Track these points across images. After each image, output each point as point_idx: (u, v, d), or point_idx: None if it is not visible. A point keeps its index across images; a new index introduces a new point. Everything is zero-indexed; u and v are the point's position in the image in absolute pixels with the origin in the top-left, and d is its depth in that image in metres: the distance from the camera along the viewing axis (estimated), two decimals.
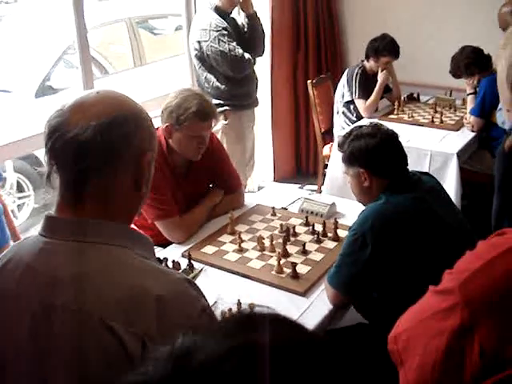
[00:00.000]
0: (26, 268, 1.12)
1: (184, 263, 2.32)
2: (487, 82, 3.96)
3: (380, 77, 4.45)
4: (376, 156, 2.15)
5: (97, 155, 1.11)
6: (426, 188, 2.16)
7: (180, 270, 2.15)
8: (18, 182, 4.69)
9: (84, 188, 1.13)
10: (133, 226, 2.62)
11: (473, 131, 4.05)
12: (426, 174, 2.34)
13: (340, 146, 2.28)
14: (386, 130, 2.22)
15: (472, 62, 4.06)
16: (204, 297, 1.17)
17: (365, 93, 4.41)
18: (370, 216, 2.04)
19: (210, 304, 2.03)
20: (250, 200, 2.96)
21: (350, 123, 4.46)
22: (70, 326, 1.05)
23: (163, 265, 2.30)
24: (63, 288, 1.08)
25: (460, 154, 3.75)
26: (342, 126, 4.53)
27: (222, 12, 3.78)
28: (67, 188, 1.15)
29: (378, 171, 2.16)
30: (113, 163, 1.14)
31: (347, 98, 4.49)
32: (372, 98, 4.40)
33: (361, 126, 2.28)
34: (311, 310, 2.07)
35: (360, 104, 4.43)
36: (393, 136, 2.21)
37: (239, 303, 1.98)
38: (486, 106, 3.93)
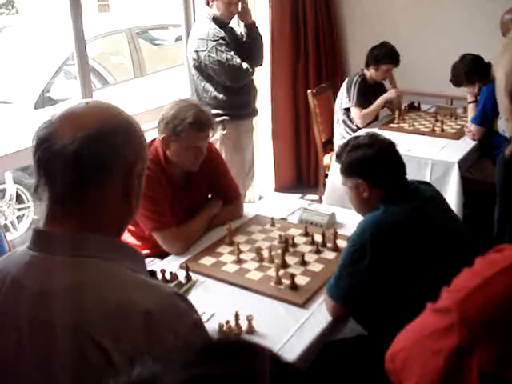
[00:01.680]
0: (13, 282, 1.10)
1: (182, 275, 2.29)
2: (488, 90, 3.94)
3: (389, 93, 4.45)
4: (374, 166, 2.13)
5: (84, 167, 1.09)
6: (425, 197, 2.14)
7: (174, 282, 2.12)
8: (17, 194, 4.67)
9: (71, 201, 1.11)
10: (130, 237, 2.62)
11: (474, 140, 4.02)
12: (425, 183, 2.31)
13: (338, 157, 2.25)
14: (384, 140, 2.20)
15: (472, 71, 4.05)
16: (195, 311, 1.14)
17: (362, 101, 4.40)
18: (369, 226, 2.02)
19: (208, 316, 2.03)
20: (249, 210, 2.94)
21: (350, 132, 4.44)
22: (58, 342, 1.03)
23: (160, 276, 2.28)
24: (50, 303, 1.05)
25: (461, 163, 3.72)
26: (342, 135, 4.51)
27: (221, 22, 3.78)
28: (54, 201, 1.12)
29: (376, 181, 2.13)
30: (101, 175, 1.12)
31: (346, 105, 4.48)
32: (371, 108, 4.39)
33: (358, 137, 2.25)
34: (310, 321, 2.04)
35: (355, 112, 4.41)
36: (390, 145, 2.19)
37: (237, 315, 1.96)
38: (488, 114, 3.91)
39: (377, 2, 5.09)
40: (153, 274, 1.28)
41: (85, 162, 1.09)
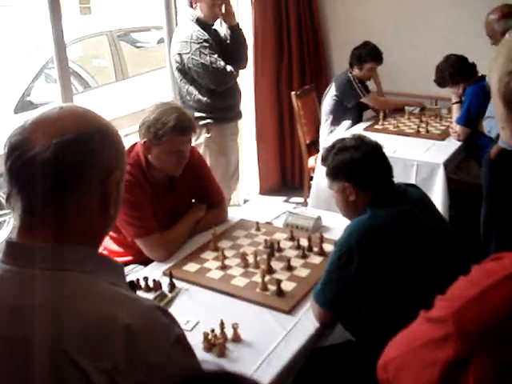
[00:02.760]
0: None
1: (165, 282, 2.24)
2: (472, 91, 3.94)
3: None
4: (361, 169, 2.09)
5: (58, 175, 1.04)
6: (412, 200, 2.10)
7: (157, 293, 2.07)
8: None
9: (46, 211, 1.05)
10: (112, 243, 2.57)
11: (459, 140, 4.01)
12: (412, 185, 2.28)
13: (323, 160, 2.21)
14: (370, 142, 2.16)
15: (457, 71, 4.05)
16: (178, 325, 1.09)
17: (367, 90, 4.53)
18: (356, 231, 1.98)
19: (192, 325, 1.98)
20: (233, 214, 2.90)
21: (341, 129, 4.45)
22: (32, 361, 0.97)
23: (143, 284, 2.23)
24: (26, 320, 1.00)
25: (447, 164, 3.71)
26: (330, 131, 4.51)
27: (204, 24, 3.73)
28: (28, 211, 1.07)
29: (363, 184, 2.09)
30: (77, 184, 1.07)
31: (350, 104, 4.50)
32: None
33: (344, 139, 2.20)
34: (297, 328, 1.99)
35: (372, 99, 4.58)
36: (377, 147, 2.15)
37: (222, 323, 1.91)
38: (472, 114, 3.90)
39: (360, 3, 5.07)
40: (133, 285, 1.23)
41: (59, 170, 1.03)
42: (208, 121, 3.80)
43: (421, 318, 0.93)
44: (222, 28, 4.03)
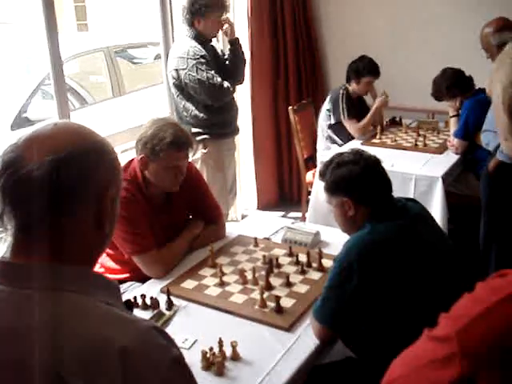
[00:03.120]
0: None
1: (163, 299, 2.22)
2: (470, 104, 3.94)
3: (377, 101, 4.44)
4: (359, 184, 2.07)
5: (53, 193, 1.01)
6: (411, 215, 2.08)
7: (154, 312, 2.04)
8: None
9: (40, 229, 1.03)
10: (109, 261, 2.54)
11: (457, 153, 4.01)
12: (412, 200, 2.26)
13: (321, 174, 2.18)
14: (369, 156, 2.14)
15: (453, 84, 4.05)
16: (175, 346, 1.06)
17: (353, 113, 4.40)
18: (355, 246, 1.96)
19: (190, 343, 1.95)
20: (231, 230, 2.87)
21: (336, 146, 4.42)
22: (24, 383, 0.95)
23: (141, 302, 2.20)
24: (19, 342, 0.97)
25: (445, 178, 3.70)
26: (327, 147, 4.48)
27: (201, 40, 3.73)
28: (21, 230, 1.04)
29: (362, 199, 2.07)
30: (71, 201, 1.04)
31: (333, 120, 4.44)
32: (366, 119, 4.39)
33: (342, 154, 2.18)
34: (297, 345, 1.97)
35: (351, 125, 4.39)
36: (376, 162, 2.13)
37: (221, 341, 1.88)
38: (470, 127, 3.90)
39: (357, 19, 5.09)
40: (129, 305, 1.20)
41: (53, 188, 1.01)
42: (205, 136, 3.80)
43: (424, 336, 0.90)
44: (218, 44, 4.05)
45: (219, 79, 3.64)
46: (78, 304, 1.02)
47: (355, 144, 4.24)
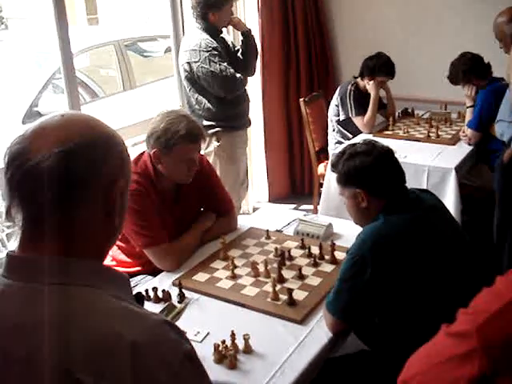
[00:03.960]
0: None
1: (175, 292, 2.21)
2: (484, 95, 3.89)
3: (370, 90, 4.37)
4: (372, 175, 2.05)
5: (61, 185, 1.00)
6: (426, 206, 2.06)
7: (165, 304, 2.03)
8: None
9: (48, 222, 1.01)
10: (121, 254, 2.54)
11: (470, 144, 3.96)
12: (426, 191, 2.24)
13: (334, 166, 2.16)
14: (381, 147, 2.12)
15: (470, 69, 3.98)
16: (187, 340, 1.05)
17: (361, 109, 4.33)
18: (369, 238, 1.94)
19: (202, 336, 1.94)
20: (243, 223, 2.86)
21: (345, 140, 4.38)
22: (33, 379, 0.94)
23: (152, 295, 2.19)
24: (24, 336, 0.96)
25: (458, 169, 3.66)
26: (337, 142, 4.44)
27: (213, 31, 3.71)
28: (30, 223, 1.03)
29: (375, 190, 2.05)
30: (79, 193, 1.03)
31: (342, 116, 4.40)
32: (369, 113, 4.32)
33: (354, 144, 2.16)
34: (310, 338, 1.95)
35: (358, 121, 4.34)
36: (388, 152, 2.11)
37: (233, 334, 1.87)
38: (484, 118, 3.85)
39: (368, 9, 5.04)
40: (140, 298, 1.18)
41: (61, 180, 1.00)
42: (218, 129, 3.78)
43: (442, 332, 0.88)
44: (229, 36, 4.03)
45: (232, 71, 3.62)
46: (88, 298, 1.01)
47: (366, 136, 4.21)
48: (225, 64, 3.62)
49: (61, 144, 1.00)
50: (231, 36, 4.10)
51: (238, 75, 3.67)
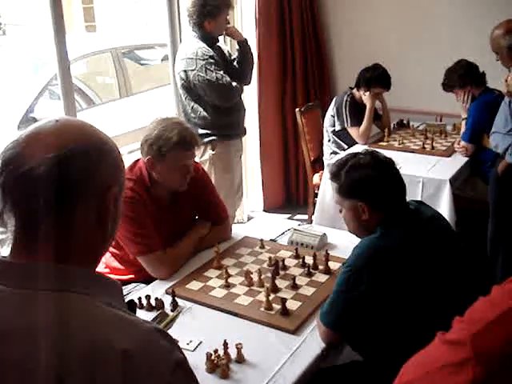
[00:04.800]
0: None
1: (168, 301, 2.20)
2: (476, 106, 3.93)
3: (366, 101, 4.38)
4: (376, 188, 2.01)
5: (54, 191, 0.99)
6: (424, 218, 2.04)
7: (158, 312, 2.02)
8: None
9: (39, 228, 1.01)
10: (114, 261, 2.53)
11: (467, 156, 3.98)
12: (421, 202, 2.22)
13: (334, 176, 2.09)
14: (384, 159, 2.07)
15: (466, 73, 4.03)
16: (179, 349, 1.04)
17: (357, 120, 4.34)
18: (366, 252, 1.92)
19: (195, 345, 1.93)
20: (237, 232, 2.86)
21: (340, 151, 4.39)
22: None
23: (145, 303, 2.19)
24: (15, 342, 0.95)
25: (452, 181, 3.67)
26: (333, 153, 4.45)
27: (210, 39, 3.73)
28: (21, 228, 1.03)
29: (378, 204, 2.01)
30: (72, 200, 1.02)
31: (338, 127, 4.41)
32: (364, 124, 4.33)
33: (356, 155, 2.10)
34: (303, 348, 1.95)
35: (354, 132, 4.35)
36: (392, 165, 2.06)
37: (226, 344, 1.86)
38: (476, 130, 3.89)
39: (364, 21, 5.07)
40: (132, 305, 1.18)
41: (54, 186, 0.99)
42: (213, 138, 3.79)
43: (437, 340, 0.88)
44: (225, 45, 4.04)
45: (228, 79, 3.63)
46: (79, 305, 1.00)
47: (361, 147, 4.22)
48: (221, 72, 3.63)
49: (54, 150, 1.00)
50: (228, 45, 4.11)
51: (234, 84, 3.68)
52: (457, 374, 0.79)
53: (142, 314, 2.09)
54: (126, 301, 1.16)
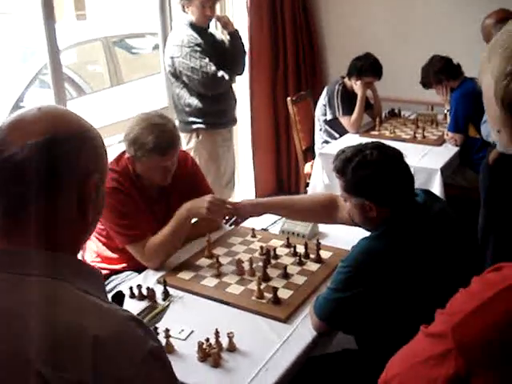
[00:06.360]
0: None
1: (159, 290, 2.20)
2: (456, 98, 3.99)
3: (357, 90, 4.38)
4: (385, 188, 1.94)
5: (34, 177, 1.00)
6: (433, 213, 1.98)
7: (147, 305, 2.01)
8: None
9: (20, 214, 1.02)
10: (106, 250, 2.52)
11: (457, 146, 4.01)
12: (430, 194, 2.13)
13: (340, 171, 1.98)
14: (393, 153, 1.97)
15: (440, 70, 4.09)
16: (154, 338, 1.04)
17: (349, 109, 4.35)
18: (365, 253, 1.88)
19: (186, 334, 1.94)
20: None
21: (332, 140, 4.40)
22: None
23: (137, 292, 2.19)
24: None
25: (443, 169, 3.69)
26: (324, 142, 4.46)
27: (198, 28, 3.71)
28: (2, 214, 1.03)
29: (386, 202, 1.95)
30: (53, 187, 1.03)
31: (329, 116, 4.41)
32: (356, 113, 4.33)
33: (362, 150, 1.95)
34: (294, 337, 1.95)
35: (345, 121, 4.36)
36: (401, 160, 1.98)
37: (217, 332, 1.87)
38: (459, 120, 3.93)
39: (356, 10, 5.06)
40: (120, 296, 1.18)
41: (35, 172, 1.00)
42: (198, 126, 3.77)
43: (421, 333, 0.89)
44: (219, 33, 4.02)
45: (213, 68, 3.60)
46: (56, 291, 1.01)
47: (353, 136, 4.23)
48: (206, 60, 3.60)
49: (36, 136, 1.01)
50: (225, 34, 4.08)
51: (221, 73, 3.65)
52: (440, 366, 0.80)
53: (133, 304, 2.09)
54: (115, 292, 1.16)
